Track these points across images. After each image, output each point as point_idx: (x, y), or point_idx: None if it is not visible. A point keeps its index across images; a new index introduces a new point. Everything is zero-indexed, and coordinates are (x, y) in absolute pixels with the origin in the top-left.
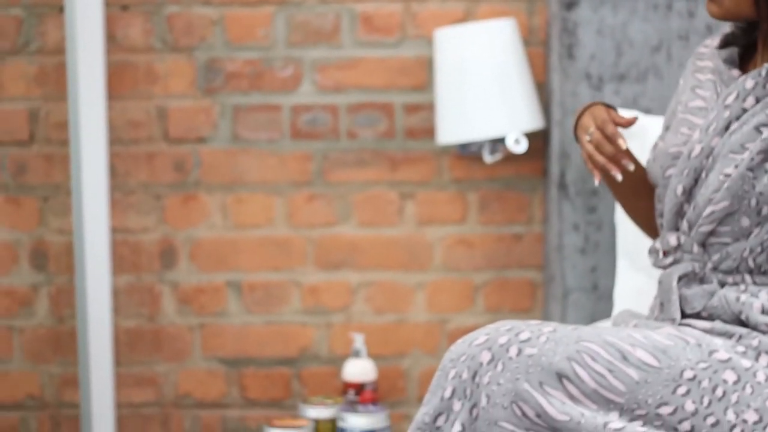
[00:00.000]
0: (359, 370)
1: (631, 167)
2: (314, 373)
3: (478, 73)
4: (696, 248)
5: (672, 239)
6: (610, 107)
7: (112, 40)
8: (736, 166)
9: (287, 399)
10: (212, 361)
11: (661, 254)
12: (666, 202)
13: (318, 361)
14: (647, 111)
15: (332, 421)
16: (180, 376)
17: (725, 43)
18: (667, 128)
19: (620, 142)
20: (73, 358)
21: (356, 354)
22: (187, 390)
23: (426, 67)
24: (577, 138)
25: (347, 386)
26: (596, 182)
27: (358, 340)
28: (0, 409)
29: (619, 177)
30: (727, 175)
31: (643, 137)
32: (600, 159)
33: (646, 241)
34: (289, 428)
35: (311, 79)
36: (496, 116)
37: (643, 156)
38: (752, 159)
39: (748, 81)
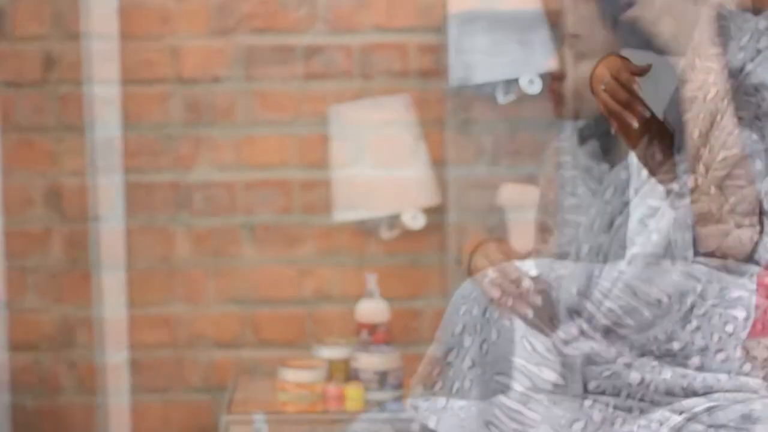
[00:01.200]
0: (372, 310)
1: (647, 113)
2: (328, 314)
3: (492, 14)
4: (713, 190)
5: (689, 181)
6: (624, 58)
7: None
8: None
9: (301, 340)
10: (226, 303)
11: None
12: (683, 146)
13: (331, 303)
14: (660, 53)
15: (345, 362)
16: (194, 317)
17: None
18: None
19: (635, 87)
20: (87, 299)
21: (369, 295)
22: (201, 331)
23: (440, 7)
24: (592, 90)
25: (360, 327)
26: (613, 131)
27: (371, 281)
28: (14, 350)
29: (635, 124)
30: (741, 118)
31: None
32: (615, 107)
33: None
34: (303, 369)
35: (325, 19)
36: (510, 57)
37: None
38: None
39: (762, 21)
